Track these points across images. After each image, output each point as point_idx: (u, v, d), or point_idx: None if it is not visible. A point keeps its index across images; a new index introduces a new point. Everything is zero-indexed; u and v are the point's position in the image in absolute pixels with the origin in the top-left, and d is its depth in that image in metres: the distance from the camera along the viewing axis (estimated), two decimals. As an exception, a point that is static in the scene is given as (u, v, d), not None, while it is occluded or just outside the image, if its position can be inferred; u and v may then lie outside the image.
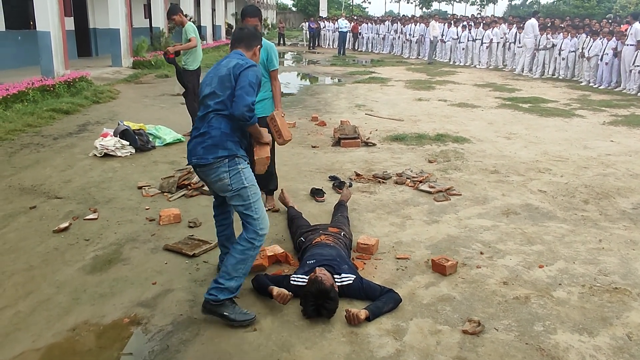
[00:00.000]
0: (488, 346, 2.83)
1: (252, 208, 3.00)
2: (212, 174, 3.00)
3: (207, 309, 2.96)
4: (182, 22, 7.15)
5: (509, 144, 7.49)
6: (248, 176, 3.03)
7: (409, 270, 3.67)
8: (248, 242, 2.98)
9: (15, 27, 14.31)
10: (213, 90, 3.04)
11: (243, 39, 3.28)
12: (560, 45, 15.64)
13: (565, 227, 4.50)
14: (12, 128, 7.44)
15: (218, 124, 2.99)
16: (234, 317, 2.92)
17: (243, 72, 2.99)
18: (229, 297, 2.94)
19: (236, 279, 2.96)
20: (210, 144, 2.97)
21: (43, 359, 2.69)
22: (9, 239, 4.03)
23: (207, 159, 2.97)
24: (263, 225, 3.03)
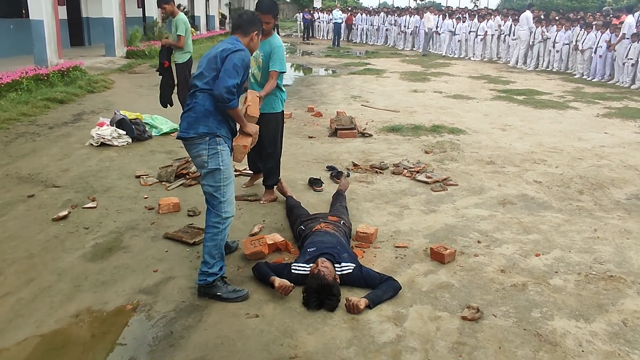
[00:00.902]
0: (487, 332, 2.88)
1: (220, 191, 3.08)
2: (193, 148, 3.09)
3: (201, 292, 3.12)
4: (173, 12, 6.91)
5: (504, 135, 7.54)
6: (225, 159, 3.10)
7: (407, 259, 3.71)
8: (214, 228, 3.09)
9: (7, 16, 14.16)
10: (201, 72, 3.14)
11: (241, 25, 3.30)
12: (555, 38, 15.69)
13: (560, 216, 4.55)
14: (6, 117, 7.39)
15: (203, 101, 3.07)
16: (226, 296, 3.08)
17: (230, 55, 3.06)
18: (215, 279, 3.09)
19: (216, 262, 3.10)
20: (193, 118, 3.06)
21: (47, 344, 2.70)
22: (8, 227, 4.03)
23: (188, 132, 3.08)
24: (228, 209, 3.13)
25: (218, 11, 30.36)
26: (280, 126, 4.69)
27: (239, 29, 3.29)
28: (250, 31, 3.28)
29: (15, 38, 14.00)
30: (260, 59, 4.42)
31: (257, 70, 4.48)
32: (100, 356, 2.63)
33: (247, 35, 3.27)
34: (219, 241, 3.11)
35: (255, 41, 3.32)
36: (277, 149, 4.71)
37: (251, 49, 3.29)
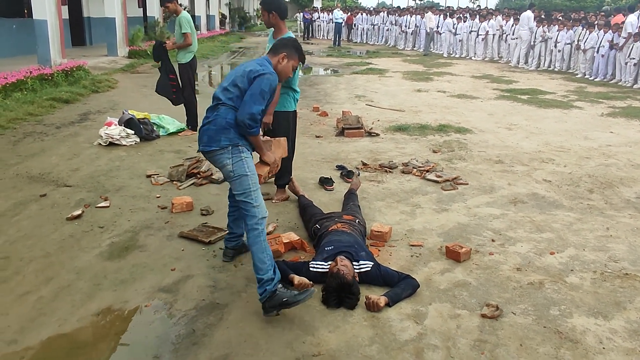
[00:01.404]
0: (507, 329, 2.89)
1: (251, 196, 3.04)
2: (217, 160, 3.08)
3: (267, 308, 2.91)
4: (177, 11, 6.80)
5: (511, 134, 7.56)
6: (250, 165, 3.08)
7: (423, 257, 3.73)
8: (253, 230, 3.01)
9: (9, 15, 14.13)
10: (225, 87, 3.11)
11: (274, 46, 3.27)
12: (556, 37, 15.73)
13: (572, 215, 4.57)
14: (13, 117, 7.38)
15: (225, 114, 3.05)
16: (294, 300, 2.89)
17: (258, 77, 3.02)
18: (274, 285, 2.91)
19: (268, 266, 2.95)
20: (214, 132, 3.04)
21: (71, 343, 2.71)
22: (23, 227, 4.03)
23: (210, 146, 3.05)
24: (262, 212, 3.07)
25: (218, 11, 30.36)
26: (292, 125, 4.70)
27: (271, 50, 3.26)
28: (279, 52, 3.22)
29: (18, 38, 13.97)
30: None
31: None
32: (124, 354, 2.64)
33: (276, 55, 3.21)
34: (262, 242, 3.00)
35: (283, 63, 3.21)
36: (292, 151, 4.73)
37: (278, 71, 3.20)
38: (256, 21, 45.37)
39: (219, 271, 3.45)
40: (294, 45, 3.30)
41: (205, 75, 14.32)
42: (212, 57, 18.48)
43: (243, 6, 40.73)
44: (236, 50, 21.69)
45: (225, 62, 17.65)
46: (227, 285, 3.29)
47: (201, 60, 16.91)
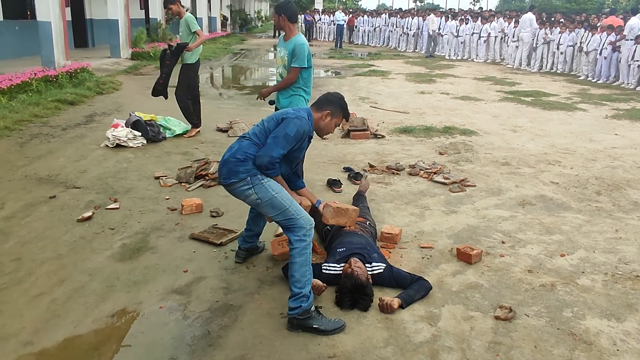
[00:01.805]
0: (521, 331, 2.90)
1: (289, 212, 2.96)
2: (239, 193, 3.02)
3: (294, 324, 2.85)
4: (180, 13, 6.71)
5: (516, 136, 7.57)
6: (274, 186, 2.99)
7: (434, 259, 3.73)
8: (301, 241, 2.93)
9: (13, 17, 14.16)
10: (258, 124, 3.14)
11: (319, 100, 3.22)
12: (559, 39, 15.75)
13: (581, 217, 4.58)
14: (19, 118, 7.39)
15: (247, 147, 3.00)
16: (324, 327, 2.83)
17: (286, 119, 3.00)
18: (310, 304, 2.86)
19: (308, 281, 2.90)
20: (233, 164, 2.97)
21: (86, 344, 2.72)
22: (33, 228, 4.04)
23: (229, 179, 2.99)
24: (308, 221, 2.99)
25: (220, 13, 30.41)
26: None
27: (316, 104, 3.21)
28: (323, 108, 3.16)
29: (21, 39, 14.00)
30: (286, 58, 4.52)
31: (284, 69, 4.58)
32: (140, 355, 2.64)
33: (319, 111, 3.16)
34: (309, 255, 2.92)
35: (326, 121, 3.15)
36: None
37: (320, 127, 3.17)
38: (257, 23, 45.42)
39: (231, 273, 3.46)
40: (339, 104, 3.22)
41: (208, 77, 14.32)
42: (214, 58, 18.49)
43: (244, 8, 40.79)
44: (238, 52, 21.70)
45: (227, 64, 17.67)
46: (240, 286, 3.30)
47: (203, 62, 16.89)
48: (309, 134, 3.13)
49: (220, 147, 6.40)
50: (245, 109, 9.40)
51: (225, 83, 13.92)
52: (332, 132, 3.30)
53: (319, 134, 3.24)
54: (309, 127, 3.08)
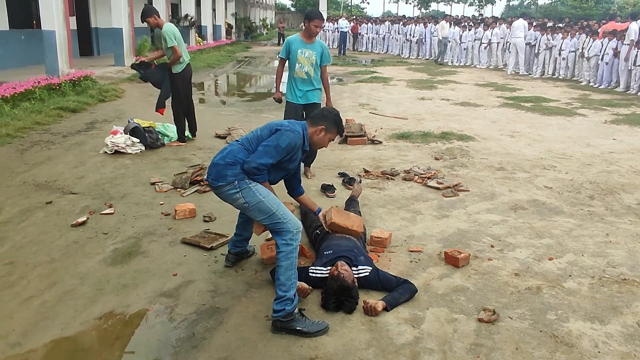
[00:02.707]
0: (503, 333, 2.92)
1: (276, 215, 3.00)
2: (227, 196, 3.06)
3: (278, 327, 2.88)
4: (158, 24, 6.64)
5: (513, 141, 7.59)
6: (261, 190, 3.03)
7: (422, 263, 3.76)
8: (287, 245, 2.97)
9: (19, 27, 14.36)
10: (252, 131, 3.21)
11: (314, 115, 3.29)
12: (560, 45, 15.76)
13: (572, 221, 4.59)
14: (21, 126, 7.50)
15: (236, 151, 3.06)
16: (307, 329, 2.86)
17: (281, 131, 3.06)
18: (294, 307, 2.89)
19: (293, 284, 2.94)
20: (222, 167, 3.02)
21: (73, 346, 2.77)
22: (28, 233, 4.11)
23: (217, 182, 3.03)
24: (296, 225, 3.02)
25: (225, 21, 30.65)
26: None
27: (311, 118, 3.27)
28: (318, 124, 3.21)
29: (26, 48, 14.19)
30: (314, 58, 5.34)
31: (311, 67, 5.36)
32: (125, 357, 2.69)
33: (314, 126, 3.21)
34: (295, 259, 2.96)
35: (319, 136, 3.21)
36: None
37: (313, 142, 3.23)
38: (262, 31, 45.72)
39: (219, 276, 3.50)
40: (334, 120, 3.26)
41: (211, 85, 14.44)
42: (218, 66, 18.65)
43: (249, 16, 41.08)
44: (242, 60, 21.86)
45: (231, 72, 17.80)
46: (228, 290, 3.34)
47: (207, 70, 17.11)
48: (302, 147, 3.18)
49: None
50: (245, 115, 9.47)
51: (226, 90, 14.02)
52: (325, 146, 3.35)
53: (312, 147, 3.29)
54: (301, 141, 3.13)
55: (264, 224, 3.12)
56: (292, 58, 5.37)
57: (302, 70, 5.35)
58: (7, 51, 13.60)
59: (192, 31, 22.93)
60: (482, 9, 63.37)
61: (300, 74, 5.36)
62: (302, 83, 5.40)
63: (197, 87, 13.01)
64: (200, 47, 22.52)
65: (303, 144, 3.17)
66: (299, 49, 5.31)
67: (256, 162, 2.98)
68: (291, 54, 5.36)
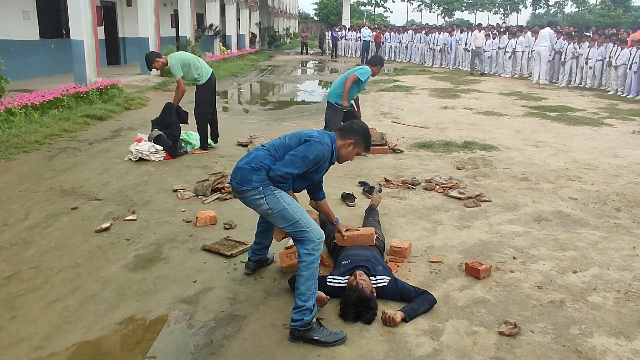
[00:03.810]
0: (525, 347, 2.87)
1: (300, 224, 2.99)
2: (250, 201, 3.06)
3: (295, 336, 2.87)
4: (164, 63, 6.69)
5: (538, 152, 7.48)
6: (286, 197, 3.02)
7: (442, 274, 3.72)
8: (309, 255, 2.96)
9: (49, 36, 14.75)
10: (279, 137, 3.19)
11: (344, 128, 3.26)
12: (587, 54, 15.51)
13: (597, 234, 4.49)
14: (49, 133, 7.68)
15: (262, 157, 3.05)
16: (325, 339, 2.84)
17: (310, 142, 3.03)
18: (312, 317, 2.88)
19: (312, 295, 2.92)
20: (247, 172, 3.02)
21: (94, 350, 2.81)
22: (54, 238, 4.20)
23: (242, 186, 3.03)
24: (318, 234, 3.01)
25: (249, 30, 31.00)
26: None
27: (341, 130, 3.25)
28: (348, 137, 3.18)
29: (56, 57, 14.56)
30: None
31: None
32: (144, 362, 2.72)
33: (343, 139, 3.18)
34: (315, 270, 2.95)
35: (348, 149, 3.19)
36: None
37: (341, 155, 3.20)
38: (286, 40, 46.08)
39: (238, 284, 3.52)
40: (364, 134, 3.24)
41: (234, 93, 14.60)
42: (242, 75, 18.85)
43: (273, 25, 41.47)
44: (265, 69, 22.06)
45: (254, 80, 17.97)
46: (246, 297, 3.35)
47: (230, 78, 17.31)
48: (330, 160, 3.18)
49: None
50: (267, 124, 9.54)
51: (249, 99, 14.15)
52: (351, 159, 3.33)
53: (338, 160, 3.26)
54: (330, 153, 3.12)
55: (286, 232, 3.12)
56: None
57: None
58: (37, 60, 13.98)
59: (217, 40, 23.26)
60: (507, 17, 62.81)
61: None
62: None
63: (221, 96, 13.16)
64: (224, 56, 22.80)
65: (331, 156, 3.16)
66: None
67: (282, 171, 2.98)
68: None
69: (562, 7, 61.34)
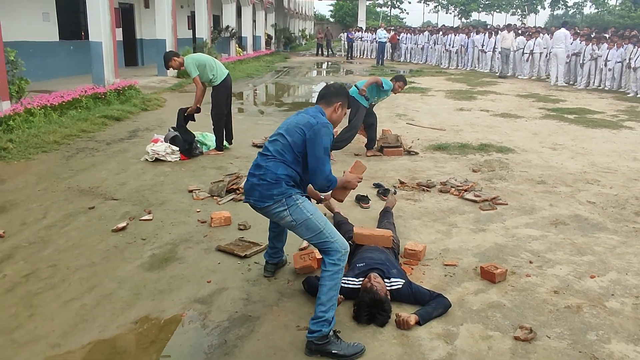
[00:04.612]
0: (540, 353, 2.83)
1: (324, 234, 2.94)
2: (273, 215, 3.02)
3: (313, 350, 2.78)
4: (180, 63, 6.76)
5: (555, 154, 7.39)
6: (309, 207, 2.99)
7: (457, 277, 3.69)
8: (334, 265, 2.90)
9: (68, 38, 14.97)
10: (276, 138, 3.08)
11: (325, 95, 3.22)
12: (606, 55, 15.29)
13: (616, 238, 4.43)
14: (67, 133, 7.79)
15: (274, 168, 2.99)
16: (343, 352, 2.77)
17: (317, 136, 2.96)
18: (330, 329, 2.81)
19: (332, 306, 2.86)
20: (265, 187, 2.97)
21: (109, 348, 2.84)
22: (71, 237, 4.25)
23: (264, 202, 2.99)
24: (343, 245, 2.96)
25: (264, 32, 31.12)
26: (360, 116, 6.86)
27: (322, 99, 3.21)
28: (334, 102, 3.18)
29: (75, 58, 14.77)
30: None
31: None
32: (158, 362, 2.74)
33: (330, 105, 3.17)
34: (339, 281, 2.90)
35: (338, 112, 3.20)
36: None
37: (333, 122, 3.18)
38: (301, 41, 46.17)
39: (252, 284, 3.53)
40: (344, 92, 3.27)
41: (250, 94, 14.67)
42: (257, 76, 18.93)
43: (288, 27, 41.59)
44: (280, 70, 22.12)
45: (269, 81, 18.03)
46: (260, 298, 3.36)
47: (246, 80, 17.39)
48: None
49: (253, 162, 6.53)
50: (282, 125, 9.55)
51: (264, 100, 14.20)
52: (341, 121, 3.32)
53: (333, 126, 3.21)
54: (332, 131, 3.10)
55: (310, 243, 3.09)
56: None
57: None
58: (56, 61, 14.19)
59: (233, 42, 23.39)
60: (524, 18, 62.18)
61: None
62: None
63: (236, 97, 13.23)
64: (240, 58, 22.92)
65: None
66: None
67: (324, 177, 2.97)
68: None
69: (581, 8, 60.59)
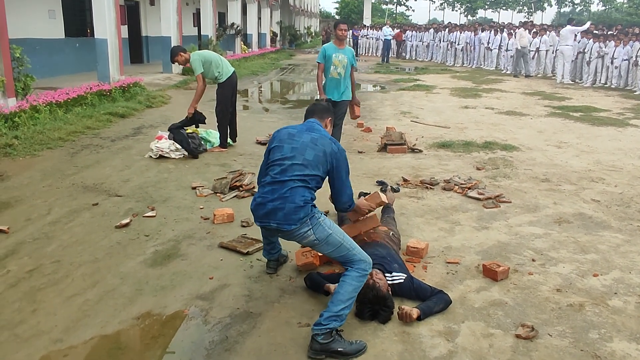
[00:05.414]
0: (542, 351, 2.82)
1: (345, 247, 2.99)
2: (297, 236, 3.01)
3: (317, 350, 2.74)
4: (187, 59, 6.81)
5: (560, 152, 7.36)
6: (328, 223, 3.03)
7: (459, 275, 3.69)
8: (362, 271, 2.96)
9: (74, 35, 15.01)
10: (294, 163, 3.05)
11: (316, 111, 3.46)
12: (613, 53, 15.20)
13: (620, 237, 4.40)
14: (72, 130, 7.82)
15: (303, 193, 2.99)
16: (348, 350, 2.76)
17: (340, 162, 3.16)
18: (337, 327, 2.81)
19: (349, 306, 2.88)
20: (292, 210, 2.94)
21: (111, 344, 2.85)
22: (75, 233, 4.27)
23: (290, 226, 2.96)
24: (363, 255, 3.02)
25: (269, 29, 31.11)
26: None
27: (314, 114, 3.43)
28: (324, 117, 3.44)
29: (80, 55, 14.81)
30: (345, 61, 6.31)
31: (343, 69, 6.32)
32: (160, 357, 2.75)
33: (323, 120, 3.42)
34: (362, 285, 2.97)
35: (328, 127, 3.45)
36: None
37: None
38: (306, 39, 46.12)
39: (254, 281, 3.54)
40: (327, 106, 3.62)
41: (255, 92, 14.67)
42: (262, 73, 18.94)
43: (294, 24, 41.55)
44: (285, 67, 22.13)
45: (274, 79, 18.04)
46: (262, 295, 3.37)
47: (251, 77, 17.40)
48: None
49: (257, 160, 6.54)
50: (287, 122, 9.56)
51: (269, 97, 14.21)
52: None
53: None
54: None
55: (332, 257, 3.12)
56: (328, 62, 6.34)
57: (335, 71, 6.32)
58: (62, 58, 14.23)
59: (238, 39, 23.39)
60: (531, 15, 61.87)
61: (334, 74, 6.34)
62: (336, 83, 6.38)
63: (241, 94, 13.24)
64: (245, 55, 22.93)
65: None
66: (334, 53, 6.31)
67: (347, 199, 3.30)
68: (327, 59, 6.34)
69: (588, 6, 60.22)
